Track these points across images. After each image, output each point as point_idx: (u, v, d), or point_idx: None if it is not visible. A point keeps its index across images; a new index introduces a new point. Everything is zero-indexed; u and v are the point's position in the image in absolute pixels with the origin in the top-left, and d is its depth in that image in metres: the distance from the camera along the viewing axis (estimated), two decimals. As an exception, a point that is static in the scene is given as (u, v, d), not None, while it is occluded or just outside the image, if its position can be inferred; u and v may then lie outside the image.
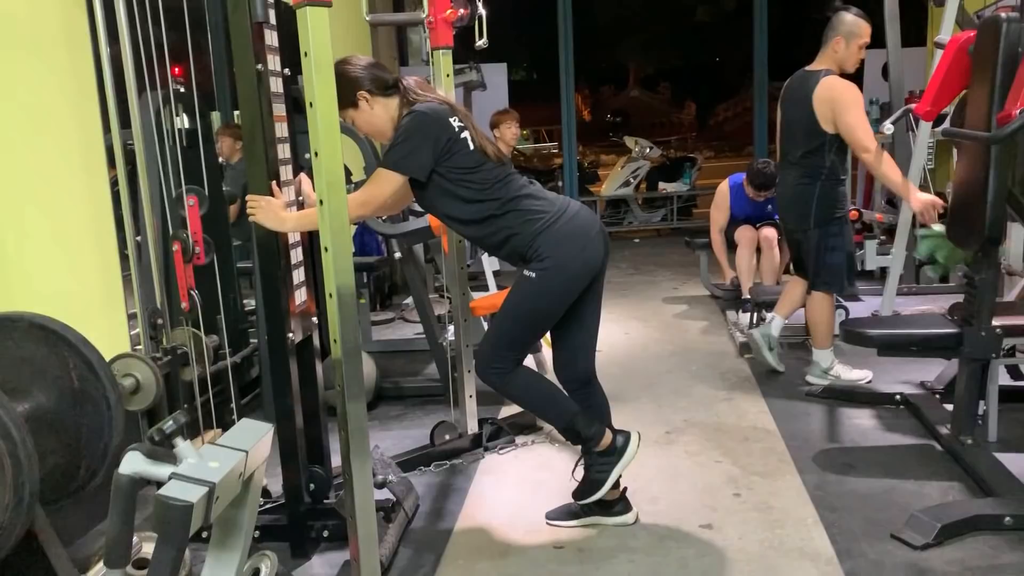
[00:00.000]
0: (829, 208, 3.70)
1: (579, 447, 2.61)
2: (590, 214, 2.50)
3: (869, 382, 3.85)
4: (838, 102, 3.55)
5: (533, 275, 2.37)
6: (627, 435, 2.56)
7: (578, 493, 2.59)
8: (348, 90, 2.33)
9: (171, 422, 1.46)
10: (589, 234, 2.40)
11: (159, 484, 1.48)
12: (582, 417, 2.52)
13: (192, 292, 2.69)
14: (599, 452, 2.53)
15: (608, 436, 2.53)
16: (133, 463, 1.46)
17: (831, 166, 3.69)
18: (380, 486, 2.57)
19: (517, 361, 2.49)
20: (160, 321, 2.89)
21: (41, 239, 2.59)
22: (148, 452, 1.47)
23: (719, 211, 5.63)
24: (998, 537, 2.40)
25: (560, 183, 9.53)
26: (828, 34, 3.68)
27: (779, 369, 4.08)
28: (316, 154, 1.79)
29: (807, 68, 3.77)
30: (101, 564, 1.64)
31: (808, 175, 3.71)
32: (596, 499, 2.55)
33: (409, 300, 5.72)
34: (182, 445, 1.47)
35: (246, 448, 1.54)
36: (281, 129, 2.36)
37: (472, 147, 2.34)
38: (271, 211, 2.27)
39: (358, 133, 2.82)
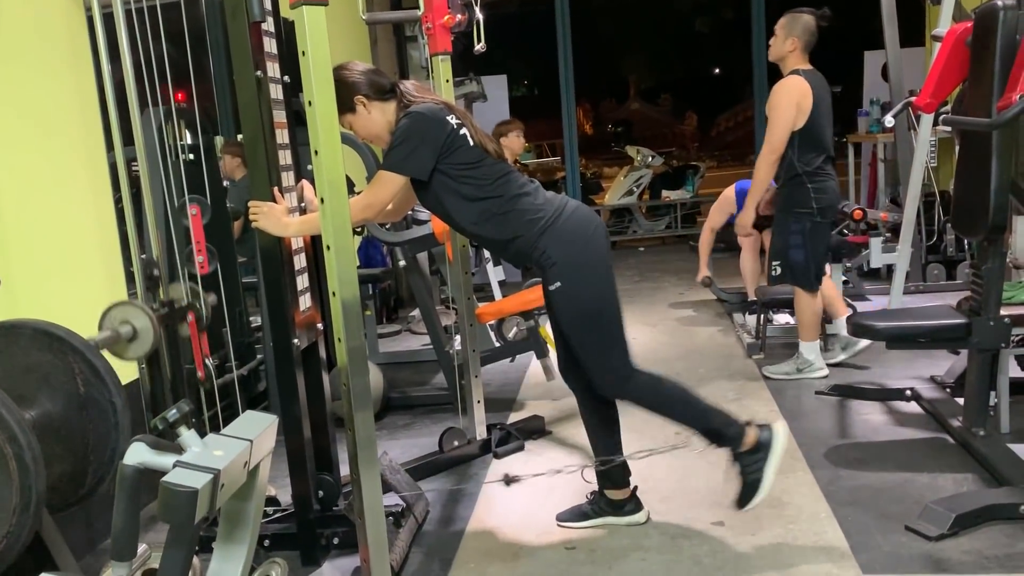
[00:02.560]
0: None
1: (598, 450, 2.60)
2: (588, 210, 2.51)
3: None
4: None
5: (558, 284, 2.35)
6: (769, 428, 2.43)
7: (739, 501, 2.43)
8: (346, 95, 2.33)
9: (175, 411, 1.46)
10: (589, 229, 2.41)
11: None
12: (721, 415, 2.43)
13: (207, 360, 2.53)
14: (746, 452, 2.40)
15: (753, 434, 2.40)
16: (138, 453, 1.45)
17: None
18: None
19: (625, 363, 2.40)
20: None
21: (47, 253, 2.60)
22: (152, 443, 1.46)
23: (718, 213, 5.58)
24: (1013, 526, 2.38)
25: (563, 194, 9.52)
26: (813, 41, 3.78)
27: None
28: (316, 152, 1.80)
29: (811, 69, 3.78)
30: (109, 572, 1.64)
31: None
32: (759, 501, 2.39)
33: (415, 313, 5.72)
34: (186, 434, 1.46)
35: (250, 437, 1.53)
36: (282, 136, 2.37)
37: (471, 143, 2.34)
38: (273, 217, 2.28)
39: (358, 141, 2.83)
